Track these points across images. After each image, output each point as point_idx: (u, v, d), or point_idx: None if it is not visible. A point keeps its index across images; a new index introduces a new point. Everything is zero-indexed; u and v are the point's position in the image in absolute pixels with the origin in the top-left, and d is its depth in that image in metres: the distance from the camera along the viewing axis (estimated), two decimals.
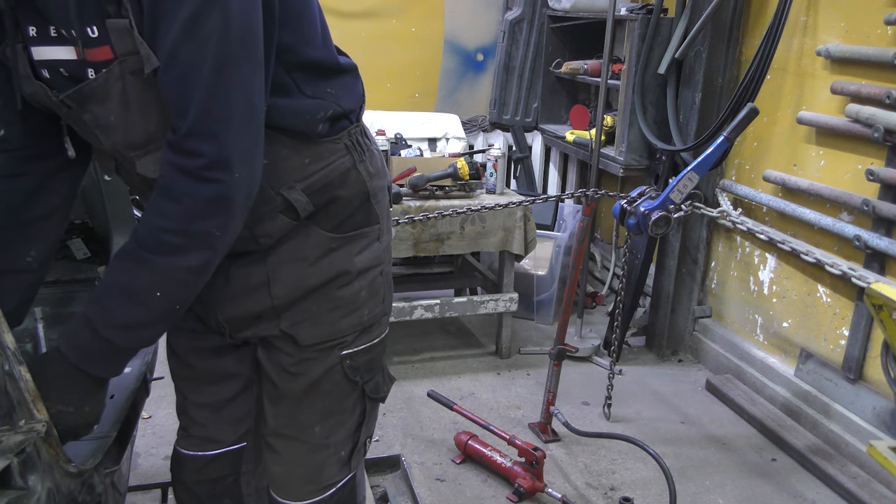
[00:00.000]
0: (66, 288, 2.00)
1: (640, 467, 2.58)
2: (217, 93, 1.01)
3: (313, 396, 1.32)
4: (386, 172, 1.36)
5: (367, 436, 1.43)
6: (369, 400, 1.38)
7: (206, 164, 1.02)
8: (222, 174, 1.03)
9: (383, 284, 1.35)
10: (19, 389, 1.01)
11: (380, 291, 1.34)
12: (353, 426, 1.38)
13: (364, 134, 1.30)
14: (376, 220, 1.30)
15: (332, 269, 1.25)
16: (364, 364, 1.34)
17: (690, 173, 2.43)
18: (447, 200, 3.10)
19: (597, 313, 3.95)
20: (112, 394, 1.53)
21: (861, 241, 2.49)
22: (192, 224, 1.05)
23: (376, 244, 1.31)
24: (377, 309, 1.34)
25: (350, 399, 1.35)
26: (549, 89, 4.25)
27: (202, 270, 1.10)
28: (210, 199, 1.04)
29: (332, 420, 1.35)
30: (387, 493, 2.39)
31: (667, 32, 3.23)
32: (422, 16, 4.14)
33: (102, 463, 1.31)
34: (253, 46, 1.03)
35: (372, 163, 1.29)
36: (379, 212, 1.31)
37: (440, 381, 3.16)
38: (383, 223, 1.33)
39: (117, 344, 1.10)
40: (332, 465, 1.38)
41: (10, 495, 0.95)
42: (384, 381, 1.41)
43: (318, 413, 1.34)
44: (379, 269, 1.33)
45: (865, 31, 2.54)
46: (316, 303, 1.26)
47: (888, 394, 2.44)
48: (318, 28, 1.19)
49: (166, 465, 2.48)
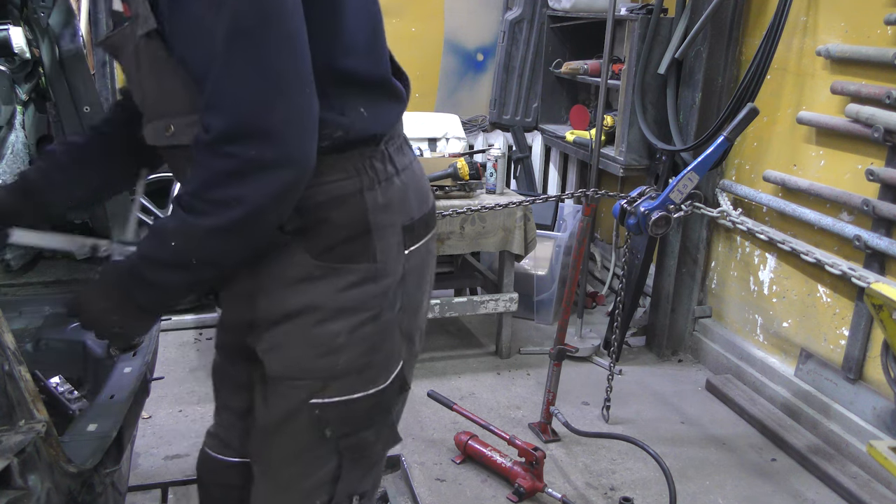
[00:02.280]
0: (66, 288, 2.01)
1: (640, 467, 2.58)
2: (228, 66, 0.98)
3: (280, 435, 1.24)
4: (410, 209, 1.21)
5: (353, 492, 1.28)
6: (346, 457, 1.24)
7: (214, 138, 0.99)
8: (235, 149, 0.99)
9: (376, 335, 1.19)
10: (19, 389, 1.01)
11: (368, 341, 1.18)
12: (325, 478, 1.24)
13: (389, 160, 1.18)
14: (373, 258, 1.15)
15: (309, 298, 1.15)
16: (337, 419, 1.20)
17: (690, 173, 2.43)
18: (447, 200, 3.10)
19: (597, 313, 3.95)
20: (112, 394, 1.53)
21: (861, 241, 2.49)
22: (208, 192, 1.03)
23: (370, 286, 1.16)
24: (361, 360, 1.19)
25: (321, 450, 1.22)
26: (549, 89, 4.25)
27: (217, 235, 1.05)
28: (223, 173, 1.01)
29: (299, 466, 1.24)
30: (387, 493, 2.39)
31: (667, 32, 3.23)
32: (422, 16, 4.14)
33: (102, 463, 1.31)
34: (278, 18, 0.97)
35: (387, 194, 1.17)
36: (380, 250, 1.16)
37: (440, 381, 3.16)
38: (388, 265, 1.18)
39: (144, 276, 1.10)
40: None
41: (10, 495, 0.96)
42: (377, 441, 1.26)
43: (286, 454, 1.25)
44: (369, 315, 1.17)
45: (865, 31, 2.54)
46: (289, 332, 1.17)
47: (888, 394, 2.44)
48: (359, 35, 1.12)
49: (166, 465, 2.49)
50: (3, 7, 1.97)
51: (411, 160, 1.26)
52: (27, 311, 1.96)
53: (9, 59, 1.98)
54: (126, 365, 1.65)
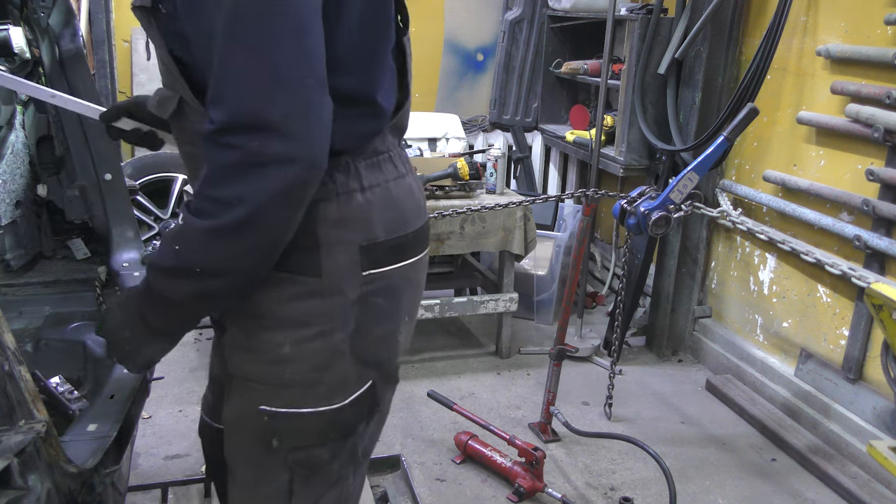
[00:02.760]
0: (66, 288, 2.01)
1: (640, 467, 2.58)
2: (227, 56, 0.96)
3: (236, 435, 1.22)
4: (373, 230, 1.13)
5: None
6: (298, 473, 1.19)
7: (217, 129, 0.97)
8: (236, 140, 0.95)
9: (325, 353, 1.14)
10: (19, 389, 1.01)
11: (317, 358, 1.13)
12: (280, 490, 1.20)
13: (355, 174, 1.12)
14: (318, 272, 1.10)
15: (255, 302, 1.12)
16: (286, 430, 1.16)
17: (690, 173, 2.43)
18: (447, 200, 3.10)
19: (597, 313, 3.95)
20: (112, 394, 1.53)
21: (861, 241, 2.49)
22: (211, 189, 0.99)
23: (315, 301, 1.11)
24: (309, 375, 1.14)
25: (269, 460, 1.18)
26: (549, 89, 4.25)
27: (218, 237, 1.00)
28: (224, 166, 0.97)
29: (253, 471, 1.21)
30: (387, 493, 2.39)
31: (667, 32, 3.23)
32: (422, 16, 4.14)
33: (102, 463, 1.31)
34: (281, 8, 0.94)
35: (344, 209, 1.10)
36: (327, 266, 1.10)
37: (440, 381, 3.16)
38: (336, 283, 1.11)
39: (151, 288, 1.08)
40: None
41: (10, 495, 0.96)
42: (333, 460, 1.20)
43: (241, 455, 1.23)
44: (316, 331, 1.12)
45: (865, 31, 2.54)
46: (244, 332, 1.16)
47: (888, 394, 2.44)
48: (341, 48, 1.07)
49: (166, 465, 2.49)
50: (3, 7, 1.97)
51: (389, 178, 1.17)
52: (27, 311, 1.96)
53: (9, 59, 1.98)
54: None
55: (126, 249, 2.07)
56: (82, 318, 1.93)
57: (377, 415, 1.25)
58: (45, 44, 2.02)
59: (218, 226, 0.99)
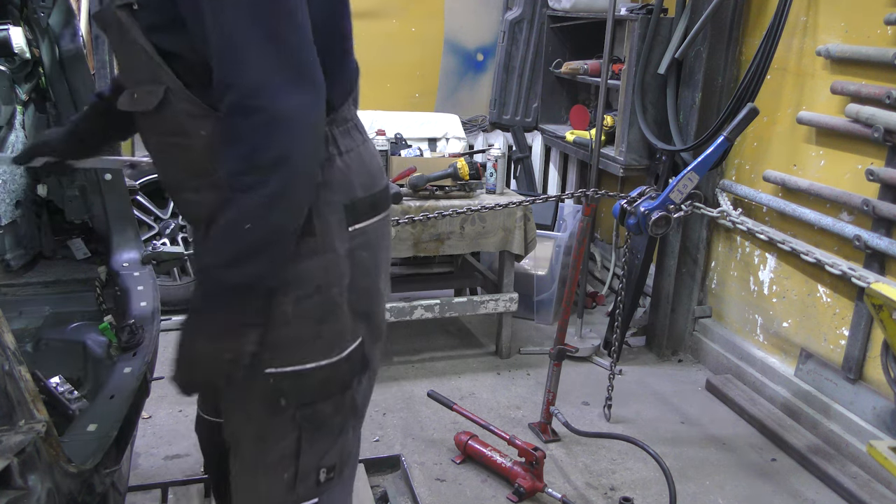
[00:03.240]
0: (66, 288, 2.01)
1: (640, 467, 2.58)
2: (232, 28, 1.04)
3: (241, 411, 1.29)
4: (353, 190, 1.25)
5: (319, 465, 1.32)
6: (306, 428, 1.28)
7: (239, 96, 1.04)
8: (261, 101, 1.03)
9: (322, 308, 1.23)
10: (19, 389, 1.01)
11: (315, 313, 1.23)
12: (287, 451, 1.28)
13: (333, 142, 1.23)
14: (312, 233, 1.20)
15: None
16: (291, 389, 1.25)
17: (690, 173, 2.43)
18: (447, 200, 3.10)
19: (597, 313, 3.95)
20: (112, 394, 1.53)
21: (861, 241, 2.49)
22: (251, 160, 1.05)
23: (311, 260, 1.20)
24: (309, 331, 1.23)
25: (278, 421, 1.27)
26: (549, 89, 4.25)
27: (274, 202, 1.07)
28: (258, 127, 1.04)
29: (261, 439, 1.29)
30: (387, 493, 2.39)
31: (667, 32, 3.23)
32: (422, 16, 4.14)
33: (102, 463, 1.31)
34: None
35: (328, 174, 1.21)
36: (319, 226, 1.20)
37: (440, 381, 3.16)
38: (327, 241, 1.22)
39: (235, 281, 1.11)
40: (271, 485, 1.31)
41: (10, 495, 0.96)
42: (335, 413, 1.30)
43: (249, 428, 1.30)
44: (312, 288, 1.21)
45: (865, 31, 2.54)
46: None
47: (888, 394, 2.44)
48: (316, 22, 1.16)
49: (166, 465, 2.49)
50: (3, 7, 1.97)
51: (359, 143, 1.29)
52: (27, 311, 1.96)
53: (9, 59, 1.98)
54: (126, 365, 1.65)
55: (126, 249, 2.07)
56: (82, 318, 1.93)
57: (368, 371, 1.36)
58: (45, 44, 2.02)
59: (274, 190, 1.06)
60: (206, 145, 1.16)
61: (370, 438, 2.70)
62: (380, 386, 3.10)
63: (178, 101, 1.15)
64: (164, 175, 1.31)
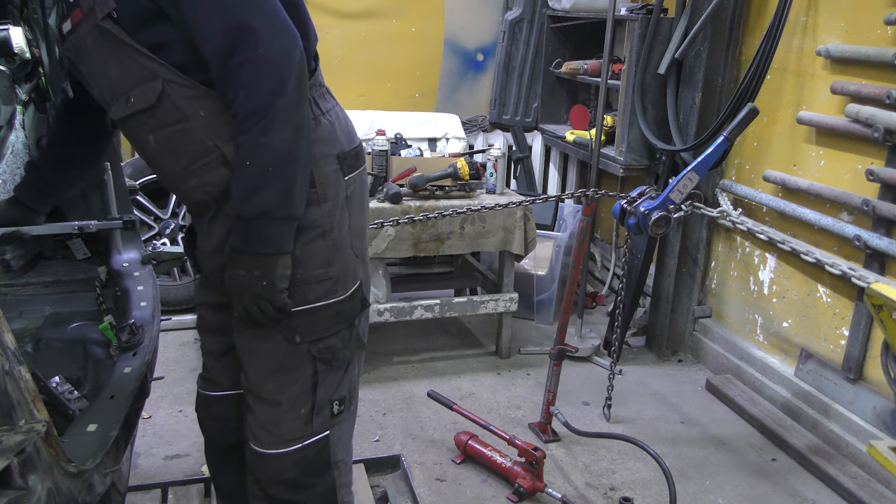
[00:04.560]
0: (66, 288, 2.00)
1: (640, 467, 2.58)
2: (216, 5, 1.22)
3: (258, 352, 1.44)
4: (340, 143, 1.41)
5: (332, 398, 1.48)
6: (320, 362, 1.44)
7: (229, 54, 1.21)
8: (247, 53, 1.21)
9: (328, 250, 1.39)
10: (19, 389, 1.01)
11: (322, 255, 1.39)
12: (305, 385, 1.44)
13: (315, 104, 1.38)
14: (313, 183, 1.36)
15: None
16: (304, 326, 1.40)
17: (690, 173, 2.43)
18: (447, 200, 3.10)
19: (597, 313, 3.95)
20: (112, 394, 1.53)
21: (861, 241, 2.49)
22: (252, 101, 1.23)
23: (314, 207, 1.37)
24: (317, 272, 1.39)
25: (294, 357, 1.42)
26: (549, 89, 4.25)
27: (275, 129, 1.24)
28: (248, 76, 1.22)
29: (280, 377, 1.44)
30: (387, 493, 2.39)
31: (667, 32, 3.23)
32: (422, 16, 4.14)
33: (102, 463, 1.31)
34: None
35: (318, 131, 1.37)
36: (319, 177, 1.36)
37: (440, 381, 3.16)
38: (328, 189, 1.38)
39: (246, 215, 1.28)
40: (290, 420, 1.46)
41: (10, 495, 0.96)
42: (344, 347, 1.46)
43: (267, 369, 1.44)
44: (318, 232, 1.38)
45: (865, 31, 2.54)
46: None
47: (888, 394, 2.44)
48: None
49: (166, 465, 2.49)
50: (3, 7, 1.97)
51: (333, 105, 1.46)
52: (27, 311, 1.95)
53: (9, 59, 1.98)
54: (126, 365, 1.65)
55: (126, 249, 2.07)
56: (82, 318, 1.93)
57: (366, 310, 1.54)
58: (44, 44, 2.01)
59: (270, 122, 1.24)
60: (206, 124, 1.30)
61: (370, 438, 2.71)
62: (380, 386, 3.10)
63: (176, 88, 1.27)
64: (165, 169, 1.41)
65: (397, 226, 2.94)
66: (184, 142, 1.32)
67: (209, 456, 1.81)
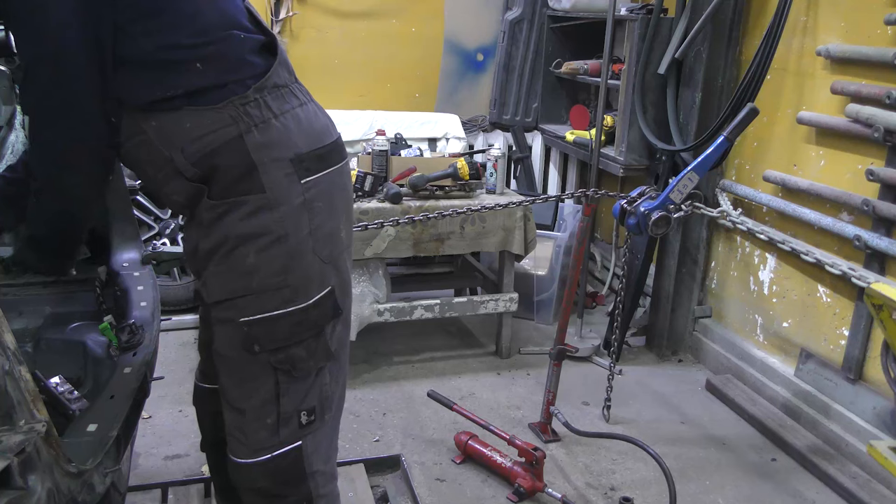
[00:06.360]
0: (66, 288, 2.00)
1: (640, 467, 2.58)
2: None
3: (224, 358, 1.43)
4: (296, 146, 1.37)
5: (299, 408, 1.43)
6: (281, 372, 1.40)
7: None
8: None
9: (285, 256, 1.36)
10: (19, 389, 1.01)
11: (278, 262, 1.36)
12: (268, 395, 1.41)
13: (266, 106, 1.35)
14: (261, 189, 1.33)
15: (221, 232, 1.34)
16: (263, 335, 1.37)
17: (690, 173, 2.43)
18: (447, 200, 3.10)
19: (597, 313, 3.95)
20: (112, 394, 1.53)
21: (861, 241, 2.49)
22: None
23: (266, 213, 1.34)
24: (274, 280, 1.36)
25: (255, 366, 1.39)
26: (549, 89, 4.25)
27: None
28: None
29: (243, 385, 1.42)
30: (387, 493, 2.40)
31: (667, 32, 3.23)
32: (422, 16, 4.14)
33: (102, 463, 1.31)
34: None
35: (266, 135, 1.34)
36: (267, 182, 1.33)
37: (440, 381, 3.16)
38: (278, 194, 1.34)
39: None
40: (256, 430, 1.43)
41: (10, 495, 0.95)
42: (309, 357, 1.42)
43: (231, 376, 1.44)
44: (272, 238, 1.34)
45: (865, 31, 2.54)
46: (214, 264, 1.37)
47: (888, 394, 2.44)
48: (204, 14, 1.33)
49: (166, 465, 2.49)
50: None
51: (295, 105, 1.41)
52: (27, 311, 1.95)
53: (9, 59, 1.98)
54: (126, 365, 1.65)
55: (126, 249, 2.06)
56: (82, 318, 1.92)
57: (341, 316, 1.47)
58: None
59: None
60: (157, 136, 1.32)
61: (370, 438, 2.71)
62: (380, 386, 3.10)
63: (130, 111, 1.33)
64: (143, 179, 1.46)
65: (397, 226, 2.94)
66: (145, 152, 1.35)
67: (204, 449, 1.82)
